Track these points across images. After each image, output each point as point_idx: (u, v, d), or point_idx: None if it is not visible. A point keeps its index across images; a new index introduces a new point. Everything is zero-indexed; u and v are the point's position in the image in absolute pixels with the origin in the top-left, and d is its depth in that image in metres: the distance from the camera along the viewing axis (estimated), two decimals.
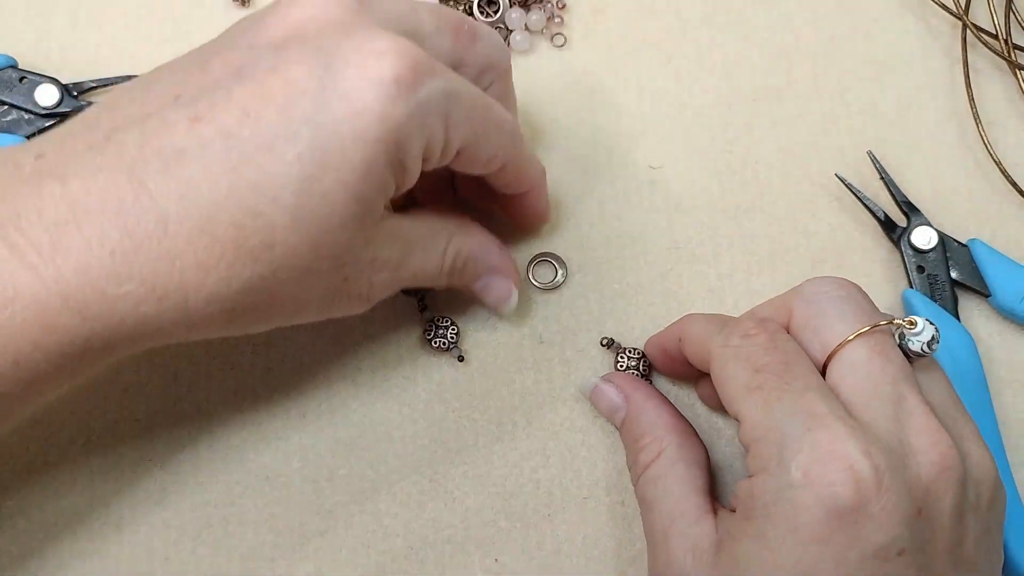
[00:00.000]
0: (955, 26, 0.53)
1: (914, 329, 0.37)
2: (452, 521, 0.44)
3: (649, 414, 0.42)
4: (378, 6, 0.37)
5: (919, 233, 0.48)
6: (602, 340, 0.46)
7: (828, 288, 0.38)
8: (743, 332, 0.37)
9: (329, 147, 0.34)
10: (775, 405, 0.35)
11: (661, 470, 0.40)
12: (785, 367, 0.36)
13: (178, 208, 0.33)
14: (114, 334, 0.33)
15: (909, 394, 0.35)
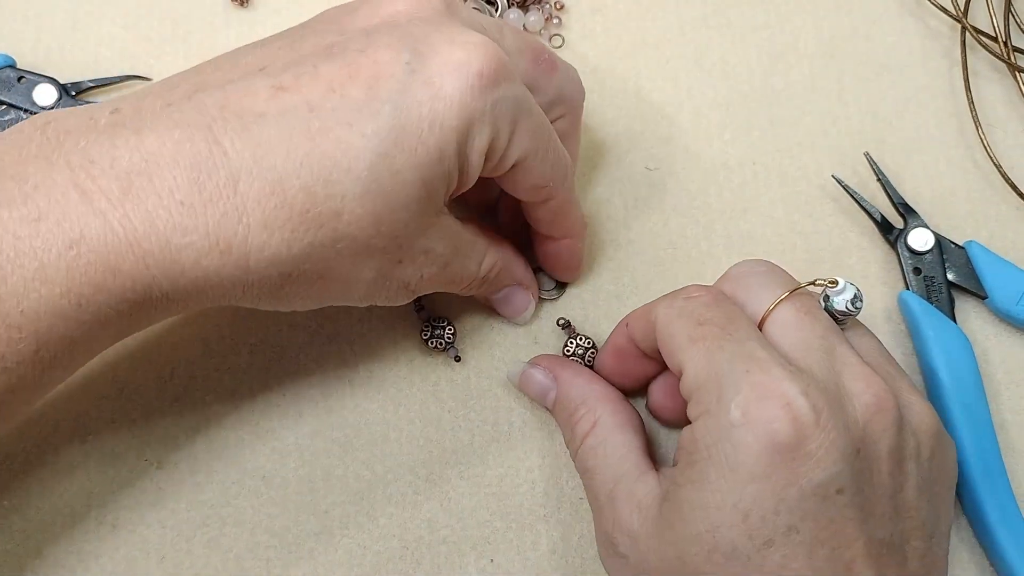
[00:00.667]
0: (954, 28, 0.53)
1: (836, 288, 0.38)
2: (447, 521, 0.44)
3: (579, 388, 0.43)
4: (465, 14, 0.39)
5: (916, 235, 0.48)
6: (559, 320, 0.46)
7: (750, 267, 0.40)
8: (686, 295, 0.39)
9: (407, 127, 0.35)
10: (716, 353, 0.36)
11: (599, 438, 0.41)
12: (727, 319, 0.37)
13: (251, 168, 0.34)
14: (174, 285, 0.34)
15: (839, 345, 0.37)
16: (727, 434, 0.34)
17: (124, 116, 0.35)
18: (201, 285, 0.34)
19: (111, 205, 0.33)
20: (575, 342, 0.46)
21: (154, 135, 0.34)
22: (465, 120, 0.35)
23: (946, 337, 0.45)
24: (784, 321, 0.37)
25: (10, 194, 0.33)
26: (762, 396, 0.34)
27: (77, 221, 0.33)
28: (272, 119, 0.34)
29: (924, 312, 0.46)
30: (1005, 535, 0.43)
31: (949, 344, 0.45)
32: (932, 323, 0.46)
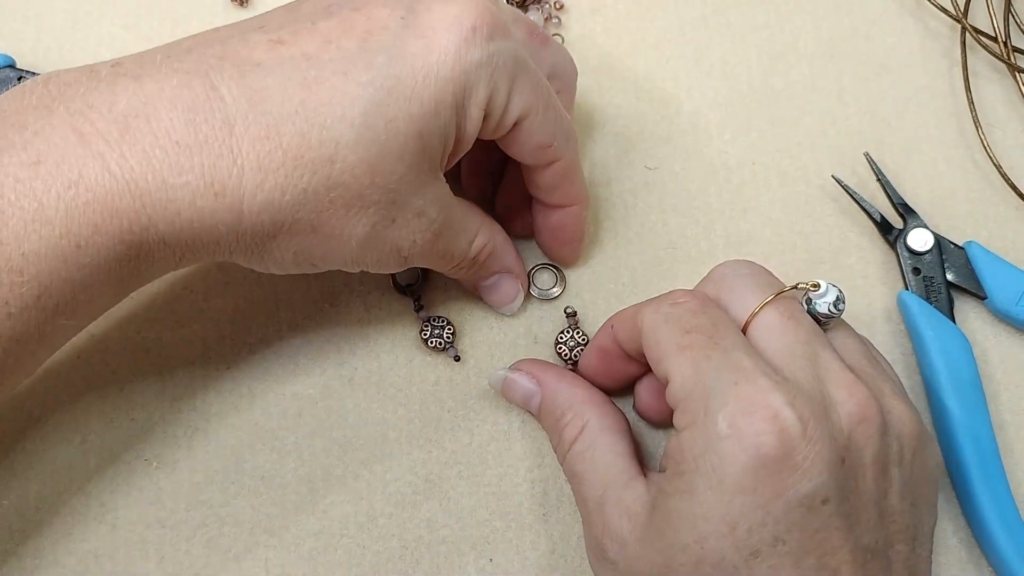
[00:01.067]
0: (954, 28, 0.53)
1: (818, 291, 0.38)
2: (447, 521, 0.44)
3: (565, 392, 0.43)
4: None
5: (915, 235, 0.48)
6: (566, 308, 0.46)
7: (733, 269, 0.40)
8: (672, 300, 0.39)
9: (401, 77, 0.35)
10: (703, 363, 0.36)
11: (587, 443, 0.41)
12: (714, 327, 0.37)
13: (246, 112, 0.34)
14: (170, 227, 0.34)
15: (822, 351, 0.37)
16: (714, 446, 0.34)
17: (125, 67, 0.36)
18: (196, 229, 0.35)
19: (109, 146, 0.33)
20: (570, 333, 0.46)
21: (153, 81, 0.35)
22: (461, 73, 0.36)
23: (945, 337, 0.45)
24: (768, 325, 0.37)
25: (10, 140, 0.33)
26: (749, 408, 0.34)
27: (76, 163, 0.33)
28: (269, 68, 0.35)
29: (923, 312, 0.46)
30: (1003, 535, 0.43)
31: (948, 345, 0.45)
32: (931, 323, 0.46)
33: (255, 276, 0.47)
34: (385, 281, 0.47)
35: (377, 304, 0.47)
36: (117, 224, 0.34)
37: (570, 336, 0.46)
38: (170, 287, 0.47)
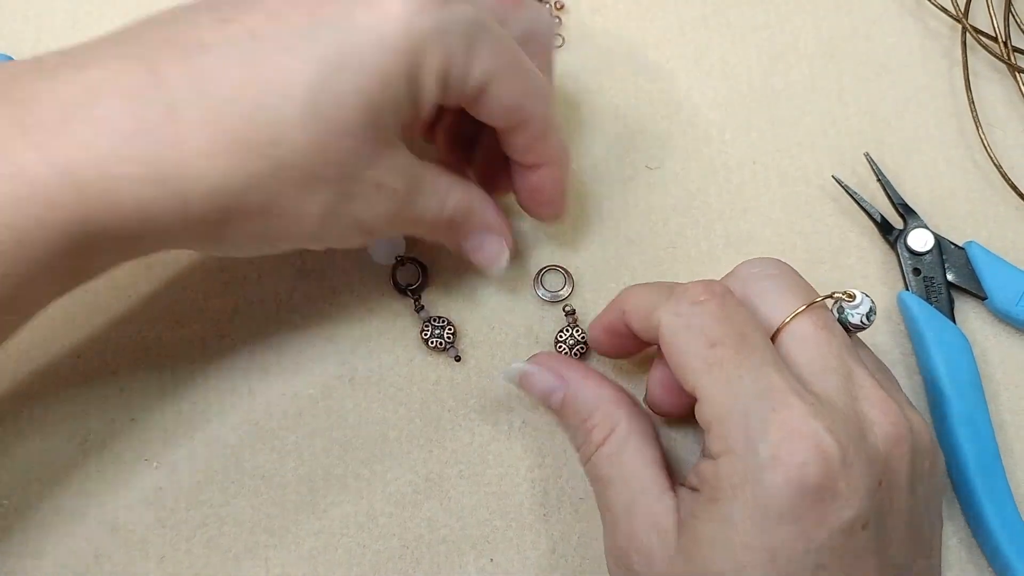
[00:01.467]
0: (954, 28, 0.53)
1: (854, 302, 0.38)
2: (447, 521, 0.44)
3: (592, 391, 0.41)
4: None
5: (916, 235, 0.48)
6: (565, 307, 0.46)
7: (761, 268, 0.39)
8: (692, 299, 0.37)
9: (348, 50, 0.34)
10: (735, 383, 0.35)
11: (616, 446, 0.39)
12: (741, 339, 0.35)
13: (189, 95, 0.33)
14: (113, 218, 0.33)
15: (856, 367, 0.36)
16: (755, 475, 0.33)
17: (72, 56, 0.35)
18: (140, 219, 0.34)
19: (49, 137, 0.33)
20: (569, 331, 0.46)
21: (97, 69, 0.34)
22: (412, 41, 0.35)
23: (945, 338, 0.45)
24: (801, 336, 0.36)
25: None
26: (791, 437, 0.33)
27: (15, 155, 0.32)
28: (213, 48, 0.34)
29: (923, 313, 0.46)
30: (1004, 535, 0.43)
31: (948, 345, 0.45)
32: (931, 324, 0.46)
33: (255, 276, 0.47)
34: (386, 281, 0.47)
35: (377, 304, 0.47)
36: (58, 216, 0.32)
37: (569, 335, 0.46)
38: (170, 287, 0.47)
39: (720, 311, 0.36)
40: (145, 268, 0.47)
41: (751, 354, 0.35)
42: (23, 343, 0.46)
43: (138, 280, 0.47)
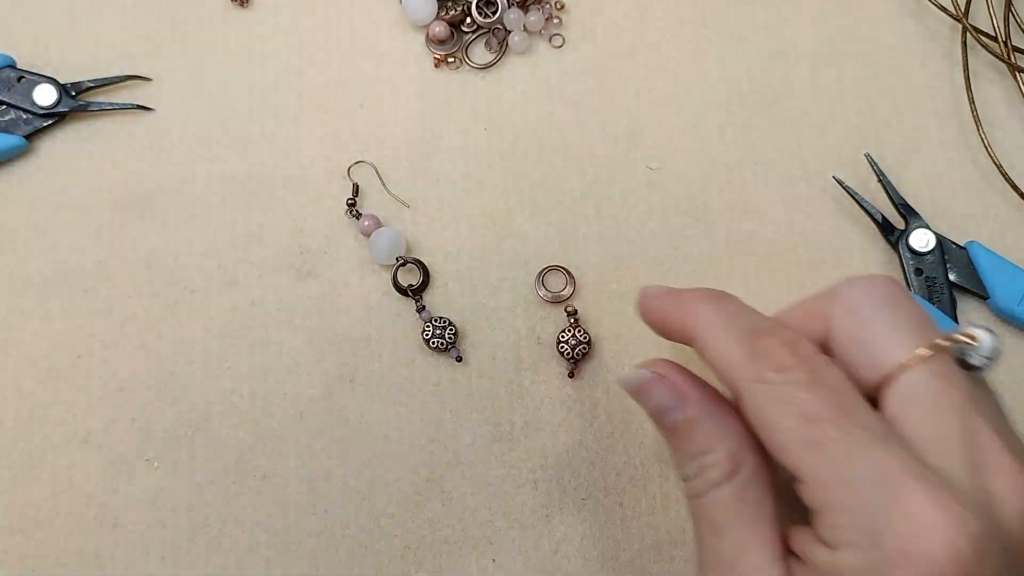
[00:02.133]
0: (955, 28, 0.53)
1: (976, 345, 0.33)
2: (449, 521, 0.44)
3: (716, 422, 0.35)
4: None
5: (917, 236, 0.48)
6: (567, 308, 0.46)
7: (871, 293, 0.34)
8: (778, 365, 0.33)
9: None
10: (843, 465, 0.31)
11: (736, 491, 0.34)
12: (840, 411, 0.31)
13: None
14: None
15: (980, 428, 0.32)
16: (883, 572, 0.30)
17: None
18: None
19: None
20: (571, 332, 0.46)
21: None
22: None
23: None
24: (917, 389, 0.32)
25: None
26: (919, 531, 0.29)
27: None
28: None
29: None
30: None
31: None
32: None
33: (256, 276, 0.47)
34: (387, 282, 0.47)
35: (379, 305, 0.47)
36: None
37: (571, 335, 0.46)
38: (170, 286, 0.47)
39: (811, 377, 0.32)
40: (145, 268, 0.47)
41: (855, 429, 0.31)
42: (24, 343, 0.46)
43: (138, 280, 0.47)
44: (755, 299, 0.47)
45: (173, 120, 0.50)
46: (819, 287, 0.46)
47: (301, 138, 0.50)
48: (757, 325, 0.34)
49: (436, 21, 0.51)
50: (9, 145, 0.48)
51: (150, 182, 0.49)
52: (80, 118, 0.50)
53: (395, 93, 0.51)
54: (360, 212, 0.48)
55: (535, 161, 0.50)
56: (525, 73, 0.51)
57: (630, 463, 0.45)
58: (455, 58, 0.52)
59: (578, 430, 0.45)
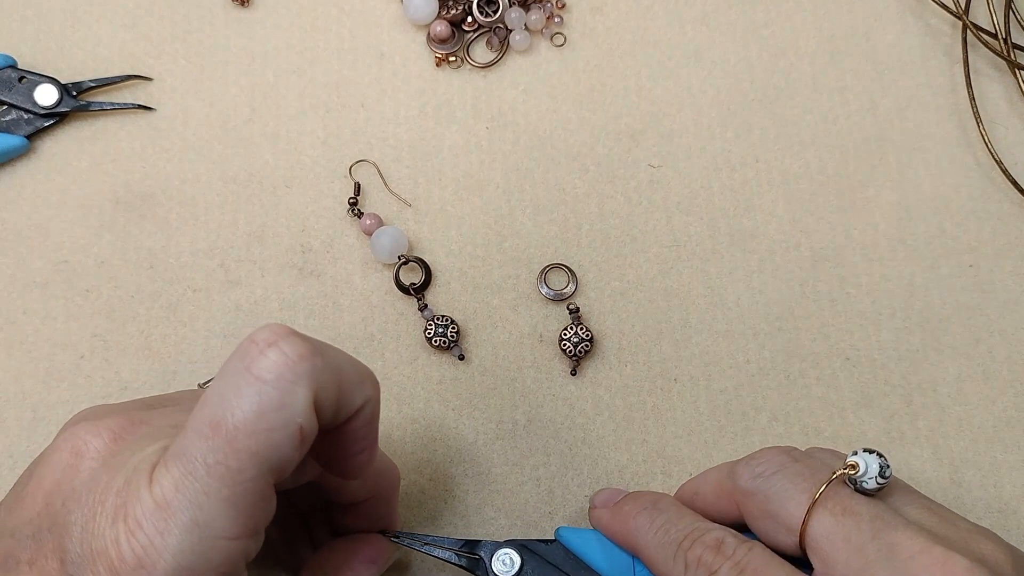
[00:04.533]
0: (955, 26, 0.53)
1: (859, 472, 0.35)
2: (452, 519, 0.44)
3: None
4: (146, 430, 0.33)
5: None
6: (569, 306, 0.46)
7: (762, 468, 0.37)
8: (708, 570, 0.35)
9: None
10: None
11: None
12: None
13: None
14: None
15: (896, 535, 0.33)
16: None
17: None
18: None
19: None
20: (574, 329, 0.46)
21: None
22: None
23: None
24: (825, 535, 0.34)
25: None
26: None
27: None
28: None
29: None
30: None
31: None
32: None
33: (258, 274, 0.47)
34: (389, 281, 0.47)
35: (381, 304, 0.47)
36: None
37: (573, 332, 0.46)
38: (172, 286, 0.47)
39: (736, 570, 0.34)
40: (147, 268, 0.47)
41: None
42: (26, 343, 0.46)
43: (140, 280, 0.47)
44: (757, 296, 0.47)
45: (174, 120, 0.50)
46: (821, 286, 0.47)
47: (302, 137, 0.50)
48: (686, 534, 0.36)
49: (437, 20, 0.51)
50: (10, 145, 0.48)
51: (151, 182, 0.49)
52: (81, 118, 0.50)
53: (396, 92, 0.51)
54: (362, 211, 0.48)
55: (537, 159, 0.50)
56: (526, 72, 0.52)
57: (633, 460, 0.45)
58: (456, 57, 0.52)
59: (581, 428, 0.45)
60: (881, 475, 0.35)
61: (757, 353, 0.47)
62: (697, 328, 0.47)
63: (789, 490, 0.35)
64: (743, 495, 0.37)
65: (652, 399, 0.46)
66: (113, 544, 0.29)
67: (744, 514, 0.37)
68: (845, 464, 0.35)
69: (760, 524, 0.36)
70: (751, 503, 0.36)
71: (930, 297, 0.48)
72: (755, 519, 0.36)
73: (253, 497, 0.30)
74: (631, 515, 0.39)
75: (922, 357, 0.47)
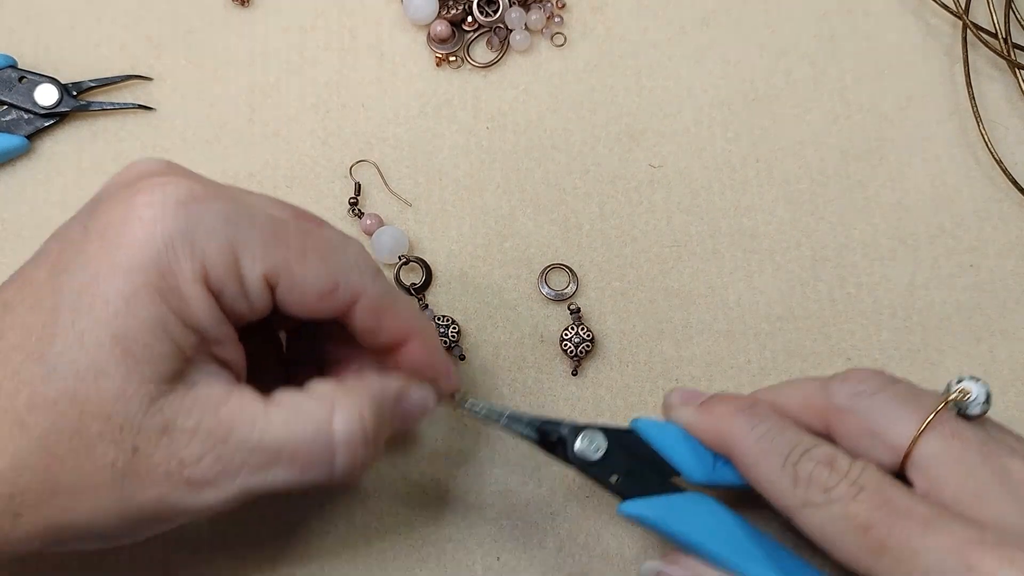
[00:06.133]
0: (955, 25, 0.53)
1: (969, 397, 0.35)
2: (453, 519, 0.44)
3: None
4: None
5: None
6: (570, 305, 0.46)
7: (863, 387, 0.37)
8: (822, 487, 0.35)
9: (84, 288, 0.32)
10: (911, 559, 0.32)
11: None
12: (888, 510, 0.33)
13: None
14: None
15: (1007, 460, 0.34)
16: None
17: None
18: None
19: None
20: (575, 330, 0.46)
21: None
22: (149, 256, 0.32)
23: None
24: (936, 458, 0.34)
25: None
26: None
27: None
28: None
29: None
30: None
31: None
32: None
33: None
34: (390, 281, 0.47)
35: None
36: None
37: (575, 333, 0.46)
38: None
39: (854, 489, 0.34)
40: None
41: (908, 522, 0.33)
42: None
43: None
44: (758, 296, 0.47)
45: (174, 120, 0.50)
46: (821, 285, 0.47)
47: (302, 138, 0.50)
48: (792, 446, 0.36)
49: (437, 20, 0.51)
50: (11, 145, 0.48)
51: None
52: (81, 118, 0.50)
53: (397, 92, 0.51)
54: (362, 211, 0.48)
55: (537, 159, 0.50)
56: (527, 72, 0.52)
57: None
58: (456, 57, 0.52)
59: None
60: (987, 401, 0.36)
61: (758, 353, 0.47)
62: (698, 328, 0.47)
63: (895, 410, 0.36)
64: (839, 412, 0.37)
65: (653, 399, 0.46)
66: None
67: (835, 431, 0.37)
68: (955, 388, 0.36)
69: (856, 442, 0.36)
70: (848, 420, 0.36)
71: (930, 297, 0.48)
72: (850, 437, 0.36)
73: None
74: (725, 416, 0.38)
75: (922, 357, 0.47)
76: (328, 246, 0.36)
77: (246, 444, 0.33)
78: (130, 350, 0.31)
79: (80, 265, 0.32)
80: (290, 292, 0.34)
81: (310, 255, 0.35)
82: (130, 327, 0.31)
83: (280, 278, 0.34)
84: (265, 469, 0.34)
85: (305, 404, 0.35)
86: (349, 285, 0.35)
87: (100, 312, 0.31)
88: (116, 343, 0.31)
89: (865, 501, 0.34)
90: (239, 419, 0.33)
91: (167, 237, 0.32)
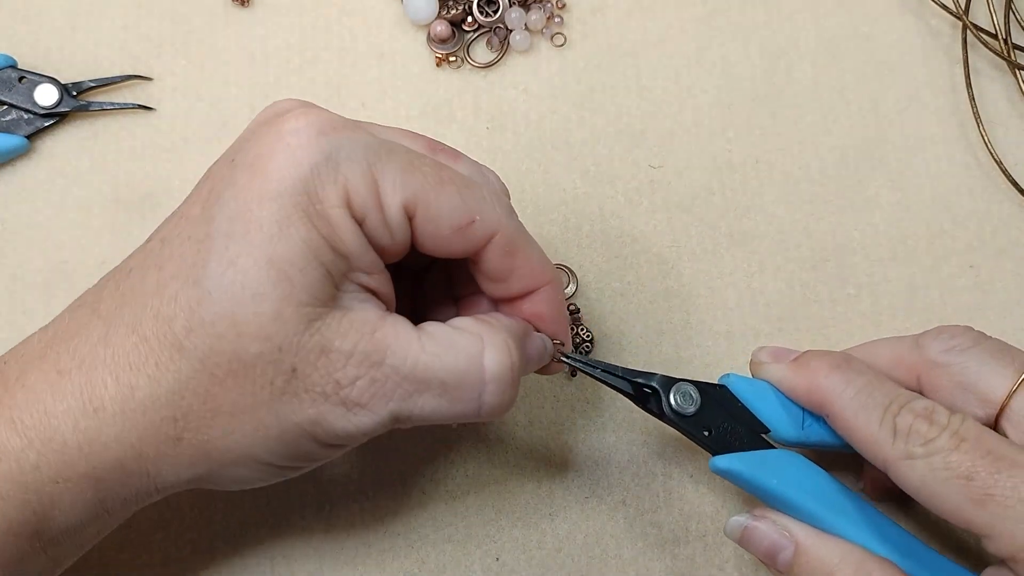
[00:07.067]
0: (955, 26, 0.53)
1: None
2: (452, 520, 0.44)
3: (827, 544, 0.37)
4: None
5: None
6: (569, 306, 0.46)
7: (956, 342, 0.38)
8: (922, 439, 0.35)
9: (236, 215, 0.33)
10: (1017, 507, 0.33)
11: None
12: (991, 460, 0.34)
13: (115, 318, 0.34)
14: (60, 459, 0.33)
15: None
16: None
17: (49, 325, 0.36)
18: (87, 456, 0.33)
19: (5, 392, 0.34)
20: (575, 330, 0.46)
21: (56, 325, 0.36)
22: (296, 182, 0.33)
23: None
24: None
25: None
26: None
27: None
28: (137, 269, 0.35)
29: None
30: None
31: None
32: None
33: None
34: None
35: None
36: (7, 468, 0.33)
37: (575, 333, 0.46)
38: None
39: (955, 440, 0.35)
40: None
41: (1013, 470, 0.33)
42: None
43: None
44: (758, 296, 0.47)
45: (174, 120, 0.50)
46: (822, 284, 0.47)
47: None
48: (891, 399, 0.36)
49: (437, 20, 0.51)
50: (11, 145, 0.48)
51: (152, 181, 0.49)
52: (81, 118, 0.50)
53: (397, 92, 0.51)
54: None
55: (537, 159, 0.50)
56: (527, 72, 0.52)
57: (633, 461, 0.45)
58: (456, 57, 0.52)
59: (581, 428, 0.45)
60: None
61: None
62: (698, 329, 0.47)
63: (990, 364, 0.36)
64: (932, 366, 0.37)
65: None
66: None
67: (927, 386, 0.38)
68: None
69: (948, 396, 0.37)
70: (942, 374, 0.37)
71: (930, 297, 0.48)
72: (943, 391, 0.37)
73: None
74: (820, 372, 0.38)
75: None
76: (464, 180, 0.36)
77: (400, 370, 0.34)
78: (285, 272, 0.32)
79: (231, 195, 0.33)
80: (427, 223, 0.35)
81: (447, 187, 0.35)
82: (283, 250, 0.32)
83: (418, 208, 0.35)
84: (417, 396, 0.34)
85: (457, 337, 0.35)
86: (485, 220, 0.36)
87: (254, 236, 0.32)
88: (271, 266, 0.32)
89: (967, 451, 0.34)
90: (394, 344, 0.34)
91: (313, 163, 0.33)
